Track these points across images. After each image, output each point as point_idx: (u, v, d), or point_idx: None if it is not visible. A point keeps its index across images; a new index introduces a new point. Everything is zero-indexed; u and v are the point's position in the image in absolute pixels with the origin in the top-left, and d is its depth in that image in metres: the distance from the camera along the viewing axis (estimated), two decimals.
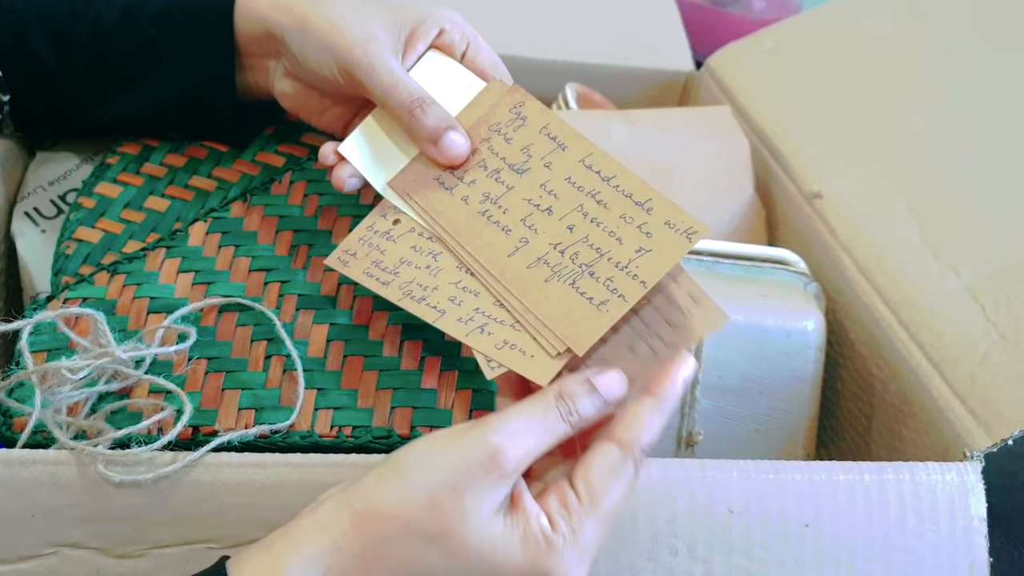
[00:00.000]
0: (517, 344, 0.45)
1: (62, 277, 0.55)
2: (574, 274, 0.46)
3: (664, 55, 0.91)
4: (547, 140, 0.51)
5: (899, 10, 0.79)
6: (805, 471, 0.49)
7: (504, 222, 0.49)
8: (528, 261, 0.47)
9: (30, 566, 0.45)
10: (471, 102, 0.54)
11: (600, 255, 0.46)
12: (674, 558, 0.47)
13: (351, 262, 0.51)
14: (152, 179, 0.60)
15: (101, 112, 0.61)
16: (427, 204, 0.51)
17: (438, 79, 0.54)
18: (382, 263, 0.50)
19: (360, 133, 0.54)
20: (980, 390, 0.54)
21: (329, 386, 0.50)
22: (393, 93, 0.52)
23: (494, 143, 0.52)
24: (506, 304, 0.46)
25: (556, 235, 0.47)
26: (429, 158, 0.52)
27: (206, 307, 0.52)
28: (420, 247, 0.50)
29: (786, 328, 0.59)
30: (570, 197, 0.48)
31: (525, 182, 0.50)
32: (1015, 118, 0.65)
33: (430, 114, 0.51)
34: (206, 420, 0.48)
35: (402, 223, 0.51)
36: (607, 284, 0.45)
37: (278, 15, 0.55)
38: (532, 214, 0.48)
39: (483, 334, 0.46)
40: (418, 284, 0.49)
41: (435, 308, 0.47)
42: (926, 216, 0.64)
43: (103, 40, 0.58)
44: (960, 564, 0.48)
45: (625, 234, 0.46)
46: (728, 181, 0.73)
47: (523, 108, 0.52)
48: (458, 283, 0.48)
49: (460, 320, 0.47)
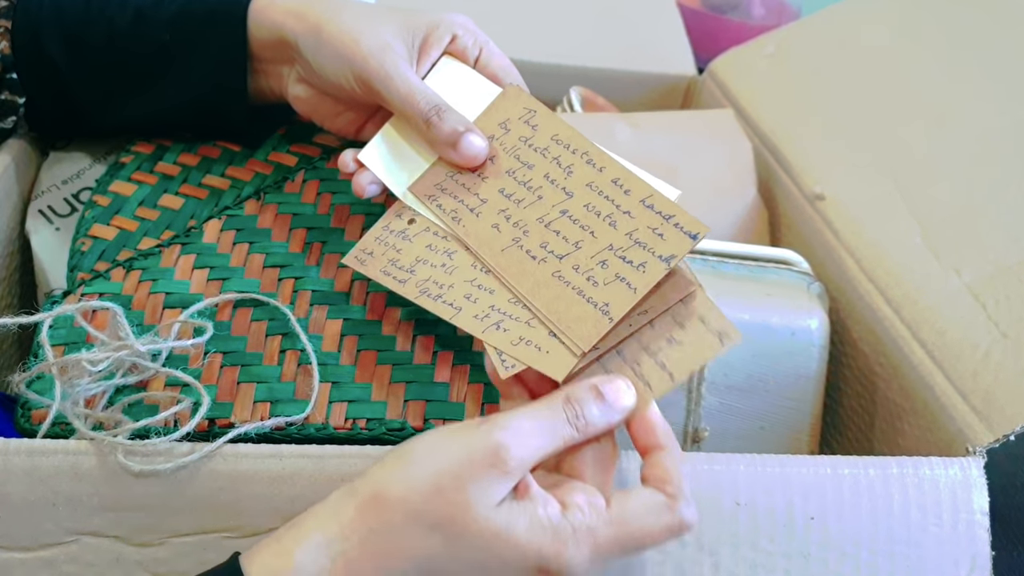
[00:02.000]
0: (533, 340, 0.46)
1: (78, 273, 0.56)
2: (587, 273, 0.47)
3: (667, 60, 0.92)
4: (558, 145, 0.52)
5: (896, 15, 0.80)
6: (811, 465, 0.49)
7: (523, 222, 0.50)
8: (542, 260, 0.48)
9: (51, 553, 0.45)
10: (487, 107, 0.55)
11: (612, 253, 0.47)
12: (683, 549, 0.47)
13: (368, 261, 0.52)
14: (166, 177, 0.61)
15: (114, 114, 0.62)
16: (447, 207, 0.52)
17: (453, 85, 0.55)
18: (399, 262, 0.51)
19: (379, 140, 0.55)
20: (982, 387, 0.55)
21: (343, 379, 0.51)
22: (410, 102, 0.53)
23: (510, 146, 0.53)
24: (523, 300, 0.47)
25: (572, 235, 0.48)
26: (448, 162, 0.53)
27: (221, 302, 0.53)
28: (435, 246, 0.51)
29: (790, 327, 0.59)
30: (584, 199, 0.49)
31: (542, 184, 0.51)
32: (1013, 119, 0.66)
33: (447, 120, 0.52)
34: (222, 413, 0.49)
35: (417, 223, 0.52)
36: (614, 284, 0.46)
37: (292, 23, 0.56)
38: (548, 214, 0.50)
39: (499, 330, 0.47)
40: (434, 282, 0.50)
41: (451, 305, 0.48)
42: (927, 216, 0.65)
43: (117, 44, 0.59)
44: (963, 558, 0.49)
45: (635, 234, 0.47)
46: (731, 183, 0.74)
47: (535, 116, 0.53)
48: (473, 281, 0.49)
49: (476, 317, 0.48)
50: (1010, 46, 0.71)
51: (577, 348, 0.45)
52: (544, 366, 0.45)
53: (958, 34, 0.75)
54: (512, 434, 0.40)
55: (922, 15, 0.78)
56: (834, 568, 0.48)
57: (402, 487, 0.39)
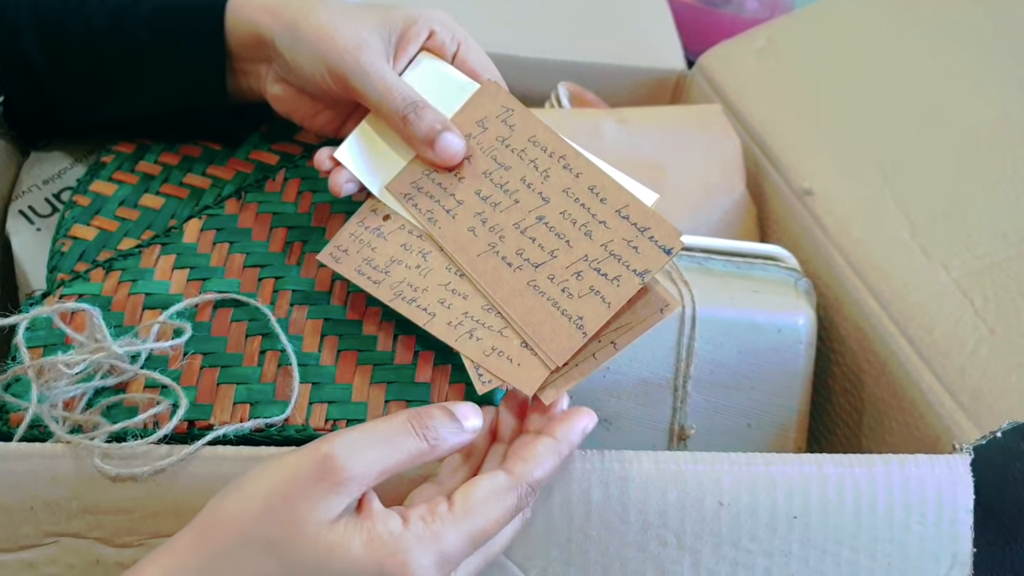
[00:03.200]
0: (505, 351, 0.46)
1: (57, 274, 0.55)
2: (562, 284, 0.47)
3: (656, 54, 0.91)
4: (535, 147, 0.51)
5: (887, 10, 0.79)
6: (796, 464, 0.49)
7: (499, 227, 0.50)
8: (518, 268, 0.48)
9: (31, 555, 0.45)
10: (464, 104, 0.54)
11: (588, 265, 0.47)
12: (663, 548, 0.47)
13: (343, 259, 0.52)
14: (147, 177, 0.61)
15: (93, 114, 0.62)
16: (423, 207, 0.51)
17: (430, 82, 0.55)
18: (373, 261, 0.51)
19: (355, 138, 0.55)
20: (969, 384, 0.55)
21: (324, 380, 0.50)
22: (387, 99, 0.52)
23: (487, 146, 0.52)
24: (497, 308, 0.47)
25: (548, 243, 0.48)
26: (426, 161, 0.53)
27: (201, 303, 0.53)
28: (410, 245, 0.51)
29: (777, 323, 0.59)
30: (560, 205, 0.49)
31: (518, 188, 0.50)
32: (1004, 115, 0.66)
33: (424, 118, 0.52)
34: (201, 414, 0.49)
35: (392, 219, 0.52)
36: (588, 297, 0.46)
37: (268, 20, 0.55)
38: (524, 219, 0.49)
39: (471, 339, 0.47)
40: (409, 285, 0.49)
41: (425, 310, 0.48)
42: (916, 213, 0.64)
43: (94, 44, 0.58)
44: (944, 555, 0.49)
45: (611, 245, 0.47)
46: (719, 178, 0.74)
47: (512, 115, 0.53)
48: (448, 285, 0.49)
49: (449, 324, 0.48)
50: (1002, 42, 0.71)
51: (551, 362, 0.45)
52: (516, 380, 0.45)
53: (950, 30, 0.74)
54: (341, 446, 0.39)
55: (914, 10, 0.78)
56: (815, 566, 0.48)
57: (234, 511, 0.39)
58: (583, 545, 0.47)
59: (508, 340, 0.46)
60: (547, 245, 0.48)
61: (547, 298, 0.47)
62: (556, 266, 0.48)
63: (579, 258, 0.48)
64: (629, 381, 0.58)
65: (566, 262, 0.48)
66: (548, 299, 0.47)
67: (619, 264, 0.47)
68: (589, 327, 0.45)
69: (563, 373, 0.46)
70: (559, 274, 0.47)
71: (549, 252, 0.48)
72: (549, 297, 0.47)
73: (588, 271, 0.47)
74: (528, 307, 0.47)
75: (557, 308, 0.47)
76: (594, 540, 0.47)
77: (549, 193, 0.50)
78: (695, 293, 0.58)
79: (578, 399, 0.58)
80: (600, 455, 0.48)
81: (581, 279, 0.47)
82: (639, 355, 0.58)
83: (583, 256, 0.47)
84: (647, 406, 0.59)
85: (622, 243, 0.47)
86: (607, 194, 0.49)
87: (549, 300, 0.47)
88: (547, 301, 0.47)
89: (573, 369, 0.46)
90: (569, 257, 0.48)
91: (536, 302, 0.47)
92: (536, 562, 0.47)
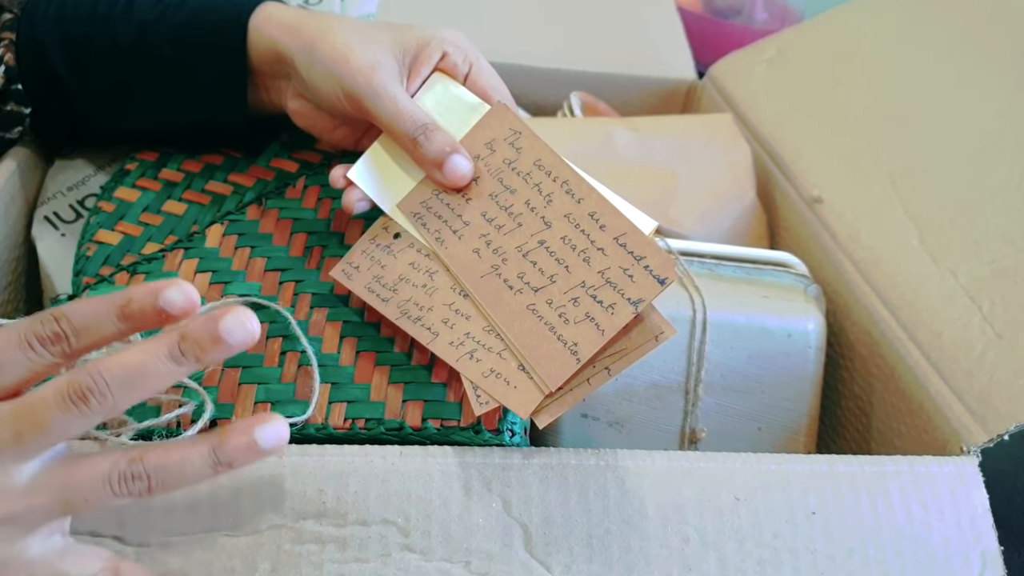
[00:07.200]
0: (503, 374, 0.47)
1: (83, 278, 0.57)
2: (559, 309, 0.48)
3: (667, 64, 0.92)
4: (540, 170, 0.53)
5: (895, 20, 0.80)
6: (807, 463, 0.50)
7: (502, 249, 0.51)
8: (519, 291, 0.49)
9: None
10: (474, 126, 0.55)
11: (584, 291, 0.48)
12: (686, 545, 0.48)
13: (354, 275, 0.53)
14: (170, 184, 0.62)
15: (117, 126, 0.63)
16: (432, 227, 0.53)
17: (442, 103, 0.56)
18: (383, 279, 0.53)
19: (368, 158, 0.56)
20: (977, 388, 0.55)
21: (343, 380, 0.51)
22: (398, 121, 0.54)
23: (495, 168, 0.54)
24: (497, 330, 0.49)
25: (548, 268, 0.50)
26: (435, 182, 0.54)
27: (223, 306, 0.54)
28: (418, 264, 0.53)
29: (787, 328, 0.60)
30: (561, 231, 0.50)
31: (522, 211, 0.52)
32: (1011, 123, 0.67)
33: (434, 140, 0.53)
34: (223, 414, 0.50)
35: (402, 237, 0.54)
36: (584, 323, 0.47)
37: (288, 39, 0.56)
38: (527, 243, 0.51)
39: (472, 360, 0.48)
40: (415, 303, 0.51)
41: (429, 330, 0.50)
42: (924, 219, 0.65)
43: (119, 59, 0.59)
44: (972, 553, 0.49)
45: (607, 273, 0.48)
46: (730, 186, 0.75)
47: (520, 138, 0.54)
48: (451, 304, 0.51)
49: (451, 344, 0.49)
50: (1010, 50, 0.71)
51: (545, 387, 0.46)
52: (512, 402, 0.46)
53: (957, 39, 0.75)
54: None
55: (921, 20, 0.78)
56: (842, 564, 0.48)
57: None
58: (604, 540, 0.47)
59: (506, 362, 0.48)
60: (547, 270, 0.50)
61: (545, 322, 0.48)
62: (555, 291, 0.49)
63: (576, 284, 0.49)
64: (641, 384, 0.59)
65: (564, 287, 0.49)
66: (546, 323, 0.48)
67: (614, 292, 0.48)
68: (583, 353, 0.46)
69: (557, 398, 0.47)
70: (557, 299, 0.48)
71: (549, 277, 0.49)
72: (547, 322, 0.48)
73: (585, 297, 0.48)
74: (526, 330, 0.48)
75: (554, 333, 0.48)
76: (615, 536, 0.47)
77: (551, 218, 0.51)
78: (706, 298, 0.59)
79: (591, 401, 0.59)
80: (614, 454, 0.48)
81: (578, 305, 0.48)
82: (651, 359, 0.58)
83: (580, 282, 0.49)
84: (659, 409, 0.60)
85: (619, 271, 0.48)
86: (606, 221, 0.50)
87: (546, 324, 0.48)
88: (544, 326, 0.48)
89: (567, 394, 0.47)
90: (567, 283, 0.49)
91: (534, 326, 0.48)
92: (559, 558, 0.47)
